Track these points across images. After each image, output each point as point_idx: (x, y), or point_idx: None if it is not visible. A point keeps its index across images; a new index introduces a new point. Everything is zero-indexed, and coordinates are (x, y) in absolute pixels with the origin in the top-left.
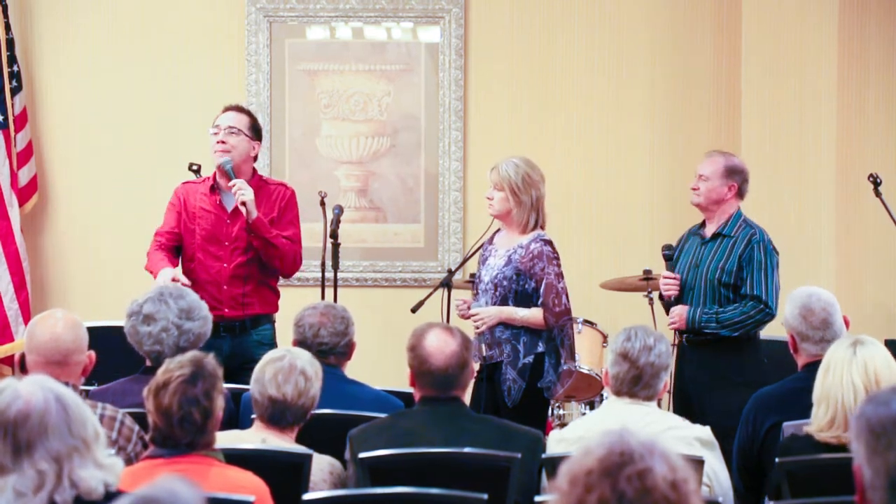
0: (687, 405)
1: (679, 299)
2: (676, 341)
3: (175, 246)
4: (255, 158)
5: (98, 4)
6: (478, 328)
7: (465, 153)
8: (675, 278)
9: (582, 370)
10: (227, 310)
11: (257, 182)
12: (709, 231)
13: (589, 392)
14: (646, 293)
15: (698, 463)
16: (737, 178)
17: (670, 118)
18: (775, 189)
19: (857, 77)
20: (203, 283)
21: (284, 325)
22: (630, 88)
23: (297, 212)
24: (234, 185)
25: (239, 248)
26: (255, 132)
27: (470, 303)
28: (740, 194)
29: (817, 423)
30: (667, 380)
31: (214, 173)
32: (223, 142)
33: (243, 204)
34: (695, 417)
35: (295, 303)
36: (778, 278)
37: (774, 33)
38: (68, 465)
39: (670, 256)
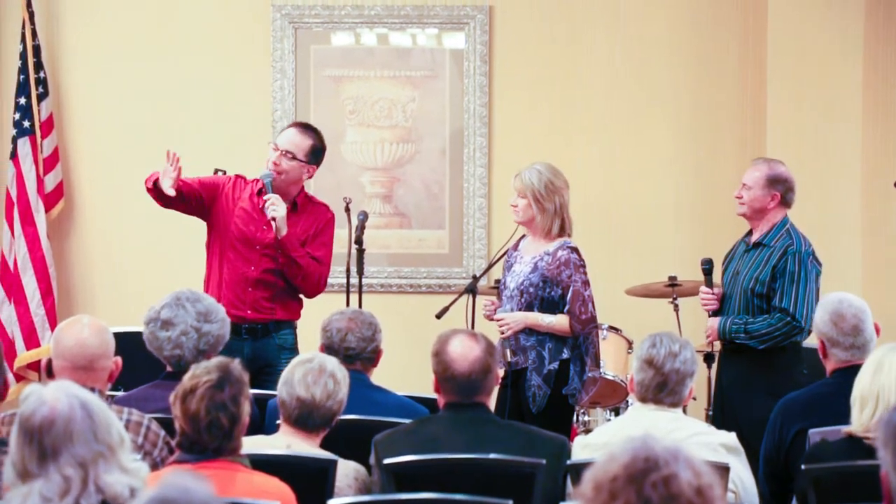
0: (724, 413)
1: (721, 310)
2: (716, 349)
3: (181, 195)
4: (310, 178)
5: (124, 11)
6: (503, 333)
7: (490, 159)
8: (712, 293)
9: (607, 377)
10: (249, 312)
11: (303, 199)
12: (752, 239)
13: (614, 398)
14: (671, 299)
15: (724, 469)
16: (780, 187)
17: (694, 123)
18: (800, 196)
19: (882, 84)
20: (229, 282)
21: (310, 331)
22: (655, 94)
23: (332, 236)
24: (268, 199)
25: (269, 254)
26: (314, 156)
27: (497, 305)
28: (785, 203)
29: (862, 424)
30: (692, 386)
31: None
32: (276, 163)
33: (273, 220)
34: (731, 425)
35: (320, 309)
36: (814, 291)
37: (800, 40)
38: (94, 470)
39: (708, 271)
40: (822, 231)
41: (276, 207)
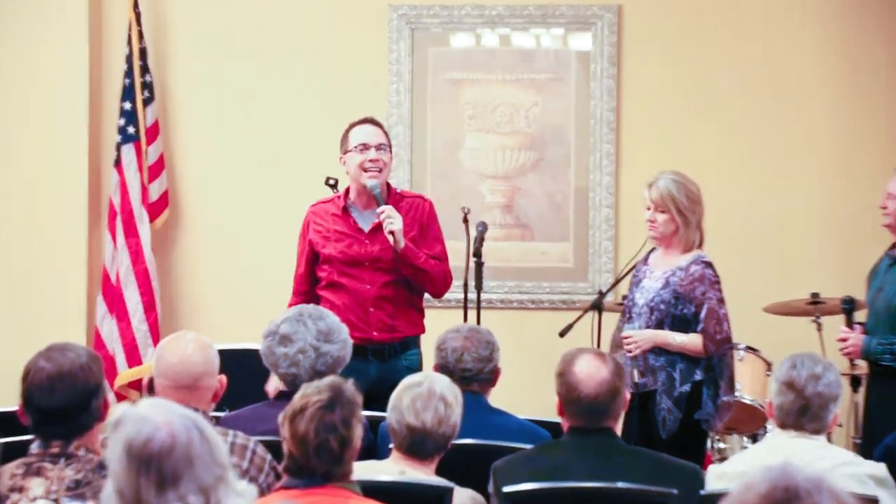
0: (872, 441)
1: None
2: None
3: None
4: None
5: (234, 14)
6: (631, 352)
7: (617, 168)
8: (853, 335)
9: (744, 400)
10: (375, 333)
11: (394, 196)
12: None
13: (751, 424)
14: (813, 318)
15: (872, 502)
16: None
17: (841, 130)
18: None
19: None
20: (349, 306)
21: (425, 349)
22: (796, 99)
23: (439, 226)
24: (382, 213)
25: (381, 268)
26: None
27: None
28: None
29: None
30: (837, 412)
31: (346, 192)
32: (375, 160)
33: (391, 233)
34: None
35: (436, 325)
36: None
37: None
38: (215, 496)
39: (849, 310)
40: None
41: (393, 220)
